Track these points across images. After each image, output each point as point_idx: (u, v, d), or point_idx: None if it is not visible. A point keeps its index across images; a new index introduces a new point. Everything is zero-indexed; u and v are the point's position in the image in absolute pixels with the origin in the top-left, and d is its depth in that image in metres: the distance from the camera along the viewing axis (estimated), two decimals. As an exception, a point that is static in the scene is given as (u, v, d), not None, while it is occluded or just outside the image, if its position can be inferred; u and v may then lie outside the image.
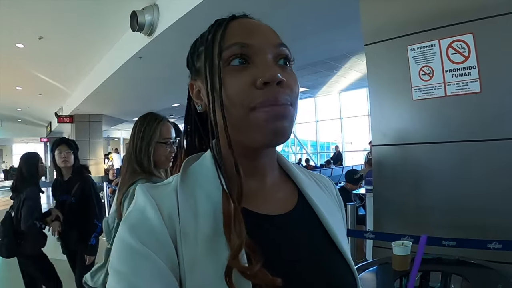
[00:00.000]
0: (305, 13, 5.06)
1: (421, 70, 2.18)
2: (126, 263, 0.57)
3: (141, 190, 0.65)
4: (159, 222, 0.60)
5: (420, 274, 1.68)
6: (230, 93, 0.64)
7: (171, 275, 0.58)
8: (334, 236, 0.73)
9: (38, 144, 32.72)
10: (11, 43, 7.76)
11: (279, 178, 0.78)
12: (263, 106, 0.62)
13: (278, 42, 0.69)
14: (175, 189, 0.66)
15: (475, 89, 1.98)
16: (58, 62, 9.36)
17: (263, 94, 0.62)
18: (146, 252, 0.57)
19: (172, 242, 0.60)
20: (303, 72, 10.76)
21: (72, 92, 13.13)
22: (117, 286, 0.56)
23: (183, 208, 0.63)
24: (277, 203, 0.73)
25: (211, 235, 0.61)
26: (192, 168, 0.71)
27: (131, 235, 0.59)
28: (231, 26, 0.69)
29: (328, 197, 0.84)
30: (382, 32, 2.37)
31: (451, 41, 2.05)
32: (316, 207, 0.75)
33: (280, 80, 0.63)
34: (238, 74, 0.64)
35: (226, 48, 0.66)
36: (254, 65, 0.65)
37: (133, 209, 0.63)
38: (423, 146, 2.20)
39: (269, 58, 0.66)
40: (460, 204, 2.04)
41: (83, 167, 3.58)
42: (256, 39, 0.67)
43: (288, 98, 0.65)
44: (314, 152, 20.24)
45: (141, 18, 5.69)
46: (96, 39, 7.71)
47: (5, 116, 21.46)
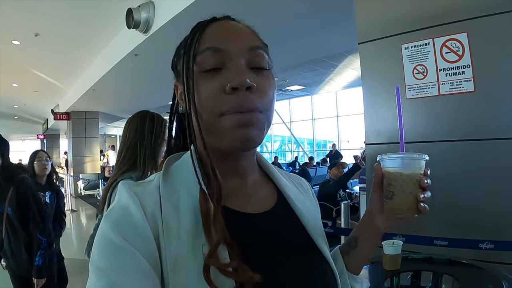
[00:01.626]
0: (301, 11, 5.05)
1: (415, 69, 2.17)
2: (107, 259, 0.57)
3: (124, 187, 0.65)
4: (142, 219, 0.60)
5: (411, 273, 1.68)
6: (201, 98, 0.65)
7: (153, 272, 0.57)
8: (312, 233, 0.77)
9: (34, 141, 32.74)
10: (7, 40, 7.73)
11: (260, 179, 0.80)
12: (231, 112, 0.63)
13: (254, 45, 0.69)
14: (157, 186, 0.66)
15: (469, 88, 1.98)
16: (54, 59, 9.33)
17: (231, 100, 0.63)
18: (128, 248, 0.57)
19: (154, 239, 0.60)
20: (299, 70, 10.73)
21: (68, 89, 13.09)
22: (98, 283, 0.55)
23: (166, 204, 0.63)
24: (258, 202, 0.74)
25: (193, 231, 0.61)
26: (173, 167, 0.72)
27: (113, 231, 0.58)
28: (208, 30, 0.69)
29: (305, 197, 0.87)
30: (376, 30, 2.37)
31: (445, 40, 2.04)
32: (294, 205, 0.78)
33: (249, 85, 0.63)
34: (210, 79, 0.65)
35: (200, 53, 0.66)
36: (226, 70, 0.65)
37: (116, 205, 0.63)
38: (416, 145, 2.20)
39: (242, 62, 0.66)
40: (453, 203, 2.03)
41: (16, 167, 2.95)
42: (230, 43, 0.67)
43: (258, 104, 0.65)
44: (310, 150, 20.25)
45: (137, 15, 5.66)
46: (92, 36, 7.68)
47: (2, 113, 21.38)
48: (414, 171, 0.76)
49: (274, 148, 22.97)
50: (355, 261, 0.86)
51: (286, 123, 19.45)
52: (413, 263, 1.81)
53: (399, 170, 0.77)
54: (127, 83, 9.69)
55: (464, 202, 2.01)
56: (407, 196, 0.76)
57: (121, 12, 5.82)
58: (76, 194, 14.31)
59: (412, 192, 0.75)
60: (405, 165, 0.76)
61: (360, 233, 0.87)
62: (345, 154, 17.81)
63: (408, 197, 0.76)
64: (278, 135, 22.80)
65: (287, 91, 15.19)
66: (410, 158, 0.76)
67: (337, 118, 17.37)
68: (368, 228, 0.85)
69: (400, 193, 0.76)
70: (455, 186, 2.03)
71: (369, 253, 0.87)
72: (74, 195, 14.01)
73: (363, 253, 0.86)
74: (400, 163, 0.77)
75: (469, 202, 1.98)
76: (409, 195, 0.76)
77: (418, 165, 0.77)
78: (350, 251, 0.87)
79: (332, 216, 4.91)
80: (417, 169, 0.76)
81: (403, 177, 0.76)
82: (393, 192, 0.77)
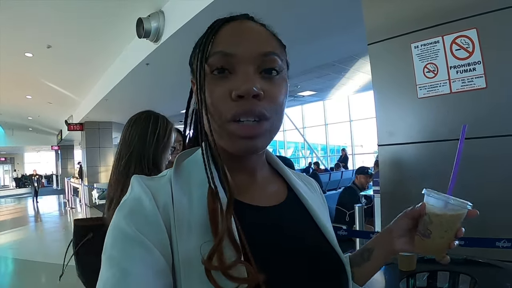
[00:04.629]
0: (308, 16, 5.05)
1: (426, 68, 2.15)
2: (119, 249, 0.58)
3: (137, 181, 0.66)
4: (154, 211, 0.61)
5: (427, 274, 1.65)
6: (210, 101, 0.66)
7: (165, 263, 0.58)
8: (322, 226, 0.78)
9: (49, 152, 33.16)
10: (20, 52, 7.85)
11: (269, 175, 0.81)
12: (236, 120, 0.64)
13: (267, 51, 0.68)
14: (169, 180, 0.67)
15: (481, 84, 1.95)
16: (67, 71, 9.45)
17: (236, 107, 0.64)
18: (140, 239, 0.58)
19: (166, 230, 0.60)
20: (310, 75, 10.73)
21: (81, 100, 13.24)
22: (109, 271, 0.56)
23: (178, 198, 0.64)
24: (269, 196, 0.76)
25: (204, 225, 0.61)
26: (185, 163, 0.73)
27: (127, 222, 0.60)
28: (222, 31, 0.69)
29: (313, 194, 0.88)
30: (385, 30, 2.35)
31: (455, 37, 2.02)
32: (304, 199, 0.80)
33: (255, 93, 0.63)
34: (218, 83, 0.66)
35: (211, 55, 0.67)
36: (235, 75, 0.65)
37: (129, 197, 0.64)
38: (429, 144, 2.17)
39: (251, 69, 0.66)
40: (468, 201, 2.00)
41: None
42: (241, 47, 0.67)
43: (264, 111, 0.65)
44: (324, 155, 20.18)
45: (147, 25, 5.72)
46: (103, 47, 7.76)
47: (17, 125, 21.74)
48: (458, 217, 0.77)
49: (288, 154, 22.92)
50: (363, 273, 0.87)
51: (299, 129, 19.40)
52: (429, 264, 1.78)
53: (446, 214, 0.77)
54: (139, 92, 9.75)
55: (479, 200, 1.96)
56: (443, 240, 0.77)
57: (132, 22, 5.88)
58: (90, 203, 14.42)
59: (450, 237, 0.77)
60: (450, 209, 0.77)
61: (376, 247, 0.87)
62: (359, 159, 17.73)
63: (443, 241, 0.77)
64: (291, 142, 22.76)
65: (299, 97, 15.17)
66: (456, 205, 0.77)
67: (350, 123, 17.28)
68: (384, 245, 0.86)
69: (439, 237, 0.77)
70: (470, 184, 1.99)
71: (378, 268, 0.88)
72: (88, 204, 14.14)
73: (373, 268, 0.87)
74: (444, 205, 0.78)
75: (485, 200, 1.94)
76: (445, 239, 0.77)
77: (462, 211, 0.77)
78: (362, 263, 0.87)
79: (345, 220, 4.87)
80: (460, 215, 0.77)
81: (448, 222, 0.77)
82: (431, 231, 0.77)
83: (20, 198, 22.15)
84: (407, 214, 0.82)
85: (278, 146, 22.33)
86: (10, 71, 9.36)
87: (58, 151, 28.33)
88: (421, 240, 0.78)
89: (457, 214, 0.76)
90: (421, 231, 0.79)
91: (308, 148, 20.97)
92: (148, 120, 1.85)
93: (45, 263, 6.65)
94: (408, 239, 0.82)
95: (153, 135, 1.81)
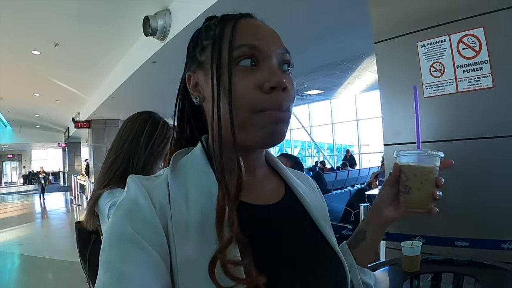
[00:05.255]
0: (316, 15, 5.03)
1: (432, 67, 2.13)
2: (117, 251, 0.57)
3: (133, 181, 0.65)
4: (151, 211, 0.61)
5: (431, 275, 1.64)
6: (237, 94, 0.65)
7: (163, 264, 0.58)
8: (320, 225, 0.78)
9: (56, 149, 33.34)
10: (27, 50, 7.90)
11: (268, 173, 0.82)
12: (268, 111, 0.65)
13: (283, 48, 0.71)
14: (166, 179, 0.67)
15: (488, 84, 1.93)
16: (73, 68, 9.50)
17: (269, 99, 0.65)
18: (138, 240, 0.57)
19: (163, 231, 0.60)
20: (317, 74, 10.72)
21: (88, 97, 13.30)
22: (107, 274, 0.56)
23: (174, 196, 0.64)
24: (266, 194, 0.76)
25: (201, 225, 0.61)
26: (182, 162, 0.72)
27: (124, 223, 0.59)
28: (240, 25, 0.69)
29: (311, 191, 0.89)
30: (391, 29, 2.33)
31: (462, 36, 2.00)
32: (302, 198, 0.80)
33: (285, 86, 0.66)
34: (246, 75, 0.66)
35: (237, 48, 0.66)
36: (260, 68, 0.67)
37: (125, 198, 0.63)
38: (435, 144, 2.15)
39: (275, 62, 0.68)
40: (473, 203, 1.98)
41: None
42: (263, 42, 0.68)
43: (289, 105, 0.68)
44: (330, 154, 20.15)
45: (154, 23, 5.73)
46: (110, 45, 7.79)
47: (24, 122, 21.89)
48: (430, 168, 0.80)
49: (294, 153, 22.89)
50: (363, 253, 0.88)
51: (306, 128, 19.37)
52: (434, 265, 1.77)
53: (416, 166, 0.80)
54: (146, 90, 9.77)
55: (485, 201, 1.95)
56: (423, 192, 0.79)
57: (138, 20, 5.89)
58: (97, 200, 14.45)
59: (428, 188, 0.79)
60: (422, 162, 0.80)
61: (367, 226, 0.89)
62: (365, 158, 17.68)
63: (424, 193, 0.79)
64: (298, 140, 22.74)
65: (306, 95, 15.16)
66: (426, 155, 0.80)
67: (357, 122, 17.23)
68: (375, 220, 0.88)
69: (417, 189, 0.80)
70: (476, 185, 1.98)
71: (376, 244, 0.90)
72: (95, 202, 14.16)
73: (371, 245, 0.88)
74: (416, 159, 0.81)
75: (490, 201, 1.93)
76: (424, 191, 0.79)
77: (434, 161, 0.80)
78: (358, 244, 0.89)
79: (351, 220, 4.85)
80: (433, 165, 0.80)
81: (420, 173, 0.80)
82: (410, 187, 0.80)
83: (27, 194, 22.30)
84: (386, 183, 0.86)
85: (285, 145, 22.32)
86: (18, 69, 9.43)
87: (65, 148, 28.51)
88: (404, 198, 0.82)
89: (429, 165, 0.80)
90: (402, 190, 0.82)
91: (314, 147, 20.95)
92: (145, 121, 1.77)
93: (52, 260, 6.70)
94: (394, 206, 0.85)
95: (147, 138, 1.73)
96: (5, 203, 18.57)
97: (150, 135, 1.73)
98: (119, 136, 1.78)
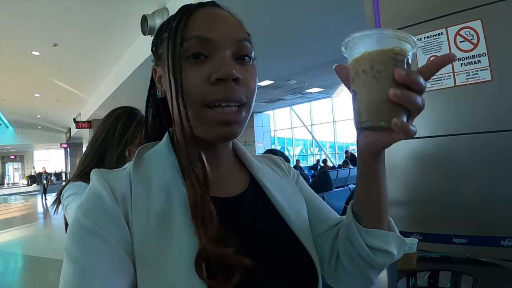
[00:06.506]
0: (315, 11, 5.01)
1: (429, 60, 2.08)
2: (79, 245, 0.57)
3: (96, 174, 0.65)
4: (112, 204, 0.60)
5: (428, 273, 1.60)
6: (187, 87, 0.64)
7: (126, 257, 0.58)
8: (285, 216, 0.75)
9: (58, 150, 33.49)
10: (27, 50, 7.94)
11: (234, 165, 0.81)
12: (216, 105, 0.64)
13: (240, 37, 0.69)
14: (129, 172, 0.66)
15: (486, 77, 1.88)
16: (73, 68, 9.54)
17: (216, 91, 0.63)
18: (99, 233, 0.57)
19: (126, 223, 0.60)
20: (318, 72, 10.67)
21: (89, 97, 13.35)
22: (70, 267, 0.56)
23: (136, 188, 0.63)
24: (229, 187, 0.75)
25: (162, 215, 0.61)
26: (146, 155, 0.71)
27: (86, 217, 0.59)
28: (195, 16, 0.68)
29: (282, 178, 0.86)
30: (388, 23, 2.29)
31: (459, 29, 1.96)
32: (267, 190, 0.78)
33: (235, 77, 0.63)
34: (195, 68, 0.65)
35: (186, 40, 0.65)
36: (211, 60, 0.65)
37: (88, 192, 0.63)
38: (434, 139, 2.11)
39: (228, 53, 0.66)
40: (472, 199, 1.94)
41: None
42: (217, 33, 0.66)
43: (242, 97, 0.65)
44: (332, 153, 20.14)
45: (152, 21, 5.74)
46: (109, 45, 7.82)
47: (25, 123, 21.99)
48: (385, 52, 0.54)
49: (296, 152, 22.88)
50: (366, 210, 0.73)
51: (307, 126, 19.35)
52: (431, 263, 1.73)
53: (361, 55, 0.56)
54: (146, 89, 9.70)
55: (484, 197, 1.91)
56: (373, 92, 0.54)
57: (137, 19, 5.90)
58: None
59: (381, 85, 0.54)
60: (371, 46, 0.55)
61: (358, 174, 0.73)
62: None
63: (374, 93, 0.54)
64: (299, 139, 22.73)
65: (307, 93, 15.13)
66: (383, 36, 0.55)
67: (359, 120, 17.21)
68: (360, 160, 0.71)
69: (363, 88, 0.55)
70: (474, 181, 1.94)
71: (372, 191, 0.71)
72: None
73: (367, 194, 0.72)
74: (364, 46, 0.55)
75: (489, 198, 1.89)
76: (375, 91, 0.54)
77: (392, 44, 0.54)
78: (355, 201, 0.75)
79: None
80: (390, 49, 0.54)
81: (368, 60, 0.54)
82: (355, 91, 0.57)
83: (30, 195, 22.40)
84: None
85: (287, 143, 22.31)
86: (18, 70, 9.46)
87: (67, 148, 28.64)
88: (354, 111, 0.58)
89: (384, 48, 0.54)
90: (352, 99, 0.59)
91: (316, 145, 20.93)
92: (119, 117, 1.78)
93: (53, 259, 6.73)
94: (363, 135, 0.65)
95: (120, 134, 1.74)
96: (7, 203, 18.67)
97: (123, 131, 1.74)
98: (95, 132, 1.81)
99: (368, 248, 0.71)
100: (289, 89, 13.72)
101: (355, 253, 0.73)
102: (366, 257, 0.72)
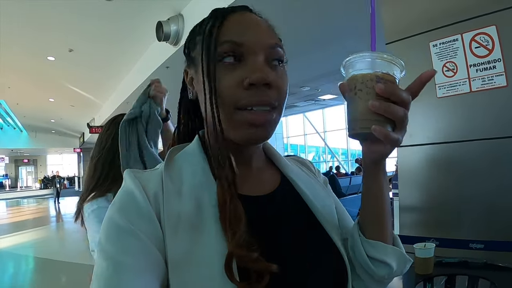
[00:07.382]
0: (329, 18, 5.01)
1: (445, 66, 2.09)
2: (113, 242, 0.59)
3: (128, 174, 0.67)
4: (145, 202, 0.62)
5: (445, 278, 1.61)
6: (220, 89, 0.65)
7: (158, 253, 0.59)
8: (317, 214, 0.76)
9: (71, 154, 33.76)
10: (42, 56, 8.04)
11: (264, 164, 0.82)
12: (247, 108, 0.65)
13: (273, 43, 0.70)
14: (161, 172, 0.68)
15: (501, 83, 1.89)
16: (88, 74, 9.62)
17: (249, 96, 0.65)
18: (133, 230, 0.59)
19: (158, 221, 0.61)
20: (330, 78, 10.65)
21: (103, 103, 13.45)
22: (104, 263, 0.57)
23: (167, 187, 0.65)
24: (260, 185, 0.76)
25: (192, 216, 0.62)
26: (177, 156, 0.73)
27: (119, 215, 0.61)
28: (228, 21, 0.70)
29: (311, 177, 0.87)
30: (402, 29, 2.31)
31: (474, 35, 1.96)
32: (298, 187, 0.79)
33: (266, 81, 0.64)
34: (229, 72, 0.66)
35: (221, 44, 0.67)
36: (245, 64, 0.66)
37: (121, 191, 0.65)
38: (450, 145, 2.11)
39: (260, 58, 0.67)
40: (488, 204, 1.94)
41: None
42: (250, 38, 0.67)
43: (273, 101, 0.66)
44: (345, 160, 20.05)
45: (167, 28, 5.79)
46: (124, 51, 7.88)
47: (39, 127, 22.22)
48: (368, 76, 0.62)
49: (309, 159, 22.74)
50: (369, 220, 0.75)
51: (320, 133, 19.29)
52: (447, 267, 1.73)
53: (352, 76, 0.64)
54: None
55: (500, 202, 1.91)
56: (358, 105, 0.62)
57: (152, 25, 5.95)
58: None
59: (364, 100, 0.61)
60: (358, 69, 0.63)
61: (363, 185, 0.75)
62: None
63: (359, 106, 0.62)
64: (312, 146, 22.67)
65: (320, 100, 15.10)
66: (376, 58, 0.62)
67: (372, 127, 17.13)
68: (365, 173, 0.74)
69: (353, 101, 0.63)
70: (491, 186, 1.94)
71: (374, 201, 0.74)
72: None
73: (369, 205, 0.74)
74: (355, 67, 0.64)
75: (506, 203, 1.88)
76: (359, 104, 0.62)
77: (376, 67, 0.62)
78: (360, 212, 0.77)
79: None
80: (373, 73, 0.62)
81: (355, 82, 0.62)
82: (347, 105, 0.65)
83: (43, 199, 22.57)
84: None
85: (299, 150, 22.26)
86: (33, 75, 9.58)
87: (80, 153, 28.83)
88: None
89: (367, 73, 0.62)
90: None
91: (329, 152, 20.86)
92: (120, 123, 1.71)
93: (66, 262, 6.78)
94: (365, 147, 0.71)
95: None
96: (21, 206, 18.82)
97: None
98: (98, 139, 1.83)
99: (368, 258, 0.73)
100: (302, 96, 13.71)
101: (358, 263, 0.76)
102: (366, 268, 0.75)
